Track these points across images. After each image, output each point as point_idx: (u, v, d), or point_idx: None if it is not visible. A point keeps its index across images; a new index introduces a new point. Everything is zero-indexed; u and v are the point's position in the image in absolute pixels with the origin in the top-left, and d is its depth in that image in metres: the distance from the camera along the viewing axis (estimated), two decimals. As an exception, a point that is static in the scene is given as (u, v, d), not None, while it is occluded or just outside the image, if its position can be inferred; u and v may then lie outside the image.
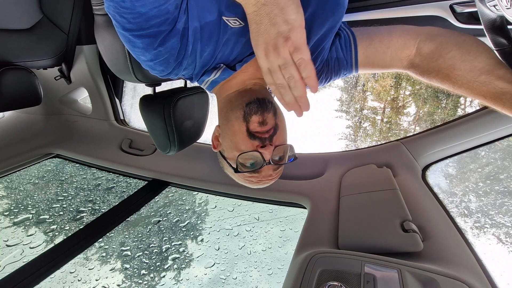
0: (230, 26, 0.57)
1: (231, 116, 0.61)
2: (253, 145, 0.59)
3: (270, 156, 0.59)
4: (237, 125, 0.59)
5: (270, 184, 0.69)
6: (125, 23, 0.49)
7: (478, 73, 0.57)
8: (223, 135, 0.65)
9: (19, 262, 1.10)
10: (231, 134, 0.61)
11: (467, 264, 0.66)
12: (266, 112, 0.59)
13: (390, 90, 13.13)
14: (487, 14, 0.53)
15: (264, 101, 0.59)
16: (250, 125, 0.59)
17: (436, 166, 1.12)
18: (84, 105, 1.66)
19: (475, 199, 1.69)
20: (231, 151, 0.62)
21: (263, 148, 0.58)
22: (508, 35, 0.53)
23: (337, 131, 13.75)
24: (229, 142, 0.62)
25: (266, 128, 0.59)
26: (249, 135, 0.58)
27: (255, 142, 0.59)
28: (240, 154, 0.59)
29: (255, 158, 0.60)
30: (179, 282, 1.31)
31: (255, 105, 0.59)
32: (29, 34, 1.06)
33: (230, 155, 0.63)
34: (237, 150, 0.60)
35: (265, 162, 0.59)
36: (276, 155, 0.61)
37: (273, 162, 0.60)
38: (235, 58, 0.63)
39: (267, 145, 0.58)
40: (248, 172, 0.62)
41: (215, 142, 0.70)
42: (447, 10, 0.89)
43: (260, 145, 0.58)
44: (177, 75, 0.63)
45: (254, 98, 0.60)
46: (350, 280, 0.58)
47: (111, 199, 1.53)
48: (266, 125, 0.59)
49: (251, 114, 0.58)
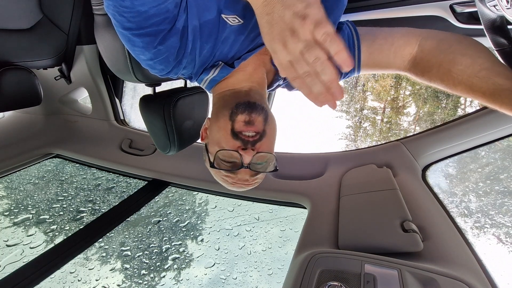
0: (229, 24, 0.57)
1: (220, 113, 0.61)
2: (235, 145, 0.58)
3: (250, 161, 0.58)
4: (222, 122, 0.59)
5: (246, 189, 0.68)
6: (124, 22, 0.49)
7: (479, 68, 0.57)
8: (210, 129, 0.65)
9: (19, 262, 1.10)
10: (216, 129, 0.61)
11: (467, 264, 0.66)
12: (255, 113, 0.58)
13: (390, 90, 13.13)
14: (487, 14, 0.53)
15: (255, 104, 0.59)
16: (235, 124, 0.58)
17: (436, 166, 1.12)
18: (84, 105, 1.66)
19: (475, 199, 1.70)
20: (213, 145, 0.62)
21: (243, 151, 0.57)
22: (508, 35, 0.53)
23: (337, 131, 13.77)
24: (212, 137, 0.63)
25: (252, 129, 0.58)
26: (232, 134, 0.58)
27: (237, 143, 0.58)
28: (219, 150, 0.59)
29: (234, 159, 0.59)
30: (179, 282, 1.31)
31: (243, 106, 0.58)
32: (29, 34, 1.06)
33: (212, 149, 0.63)
34: (218, 146, 0.60)
35: (243, 165, 0.58)
36: (257, 161, 0.60)
37: (250, 168, 0.59)
38: (233, 56, 0.63)
39: (249, 148, 0.58)
40: (224, 171, 0.61)
41: (204, 133, 0.70)
42: (447, 10, 0.89)
43: (242, 147, 0.58)
44: (176, 74, 0.63)
45: (246, 100, 0.60)
46: (350, 280, 0.58)
47: (111, 199, 1.53)
48: (252, 125, 0.58)
49: (238, 113, 0.58)
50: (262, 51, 0.66)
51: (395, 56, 0.69)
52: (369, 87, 13.70)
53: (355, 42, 0.70)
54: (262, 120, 0.59)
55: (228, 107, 0.60)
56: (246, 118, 0.58)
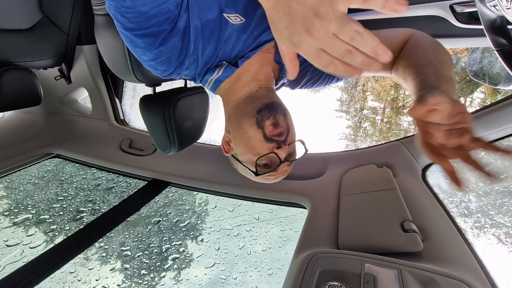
0: (231, 23, 0.57)
1: (243, 123, 0.62)
2: (270, 147, 0.61)
3: (286, 155, 0.62)
4: (251, 132, 0.61)
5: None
6: (126, 23, 0.49)
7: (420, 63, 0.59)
8: (237, 141, 0.66)
9: (19, 262, 1.10)
10: (246, 140, 0.63)
11: (467, 264, 0.66)
12: (278, 114, 0.61)
13: (390, 90, 13.13)
14: (487, 14, 0.53)
15: (273, 105, 0.62)
16: (266, 130, 0.60)
17: (436, 166, 1.12)
18: (84, 105, 1.66)
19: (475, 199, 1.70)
20: (246, 155, 0.64)
21: (279, 149, 0.61)
22: (508, 35, 0.53)
23: (337, 131, 13.76)
24: (244, 147, 0.64)
25: (281, 130, 0.61)
26: (266, 139, 0.61)
27: (271, 145, 0.61)
28: (258, 158, 0.62)
29: (271, 158, 0.63)
30: (179, 282, 1.31)
31: (266, 111, 0.61)
32: (29, 34, 1.06)
33: (246, 159, 0.65)
34: (254, 154, 0.62)
35: (281, 161, 0.62)
36: (291, 151, 0.65)
37: (288, 160, 0.64)
38: (237, 55, 0.63)
39: (283, 146, 0.61)
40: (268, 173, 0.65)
41: (226, 147, 0.71)
42: (447, 10, 0.89)
43: (276, 146, 0.61)
44: (179, 75, 0.63)
45: (264, 103, 0.61)
46: (350, 280, 0.58)
47: (111, 199, 1.53)
48: (279, 126, 0.61)
49: (264, 120, 0.60)
50: (265, 49, 0.66)
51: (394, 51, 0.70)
52: (369, 87, 13.71)
53: None
54: (283, 117, 0.62)
55: (250, 116, 0.61)
56: (272, 121, 0.60)
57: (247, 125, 0.62)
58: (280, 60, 0.68)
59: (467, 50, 5.09)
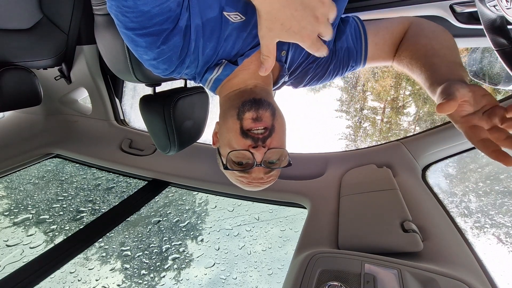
0: (231, 21, 0.57)
1: (227, 114, 0.61)
2: (245, 144, 0.58)
3: (262, 158, 0.58)
4: (231, 122, 0.59)
5: (263, 188, 0.67)
6: (127, 22, 0.49)
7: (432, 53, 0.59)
8: (220, 132, 0.65)
9: (19, 262, 1.10)
10: (226, 131, 0.61)
11: (467, 264, 0.66)
12: (262, 109, 0.58)
13: (390, 90, 13.13)
14: (487, 14, 0.53)
15: (260, 100, 0.59)
16: (244, 122, 0.58)
17: (436, 166, 1.12)
18: (84, 105, 1.66)
19: (475, 199, 1.70)
20: (224, 147, 0.62)
21: (254, 149, 0.57)
22: (508, 35, 0.53)
23: (337, 131, 13.78)
24: (223, 139, 0.62)
25: (260, 125, 0.57)
26: (242, 133, 0.58)
27: (247, 141, 0.58)
28: (230, 151, 0.59)
29: (246, 158, 0.59)
30: (179, 282, 1.31)
31: (249, 103, 0.58)
32: (29, 34, 1.06)
33: (223, 152, 0.63)
34: (229, 147, 0.60)
35: (255, 163, 0.58)
36: (270, 158, 0.60)
37: (264, 165, 0.58)
38: (236, 53, 0.63)
39: (259, 146, 0.57)
40: (237, 171, 0.61)
41: (214, 138, 0.70)
42: (447, 10, 0.89)
43: (252, 145, 0.57)
44: (179, 74, 0.63)
45: (251, 98, 0.59)
46: (350, 280, 0.58)
47: (111, 199, 1.53)
48: (260, 121, 0.57)
49: (245, 111, 0.58)
50: None
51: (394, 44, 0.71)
52: (369, 87, 13.71)
53: (362, 35, 0.71)
54: (269, 115, 0.58)
55: (234, 107, 0.59)
56: (253, 115, 0.57)
57: (229, 116, 0.60)
58: (280, 58, 0.68)
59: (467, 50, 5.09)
